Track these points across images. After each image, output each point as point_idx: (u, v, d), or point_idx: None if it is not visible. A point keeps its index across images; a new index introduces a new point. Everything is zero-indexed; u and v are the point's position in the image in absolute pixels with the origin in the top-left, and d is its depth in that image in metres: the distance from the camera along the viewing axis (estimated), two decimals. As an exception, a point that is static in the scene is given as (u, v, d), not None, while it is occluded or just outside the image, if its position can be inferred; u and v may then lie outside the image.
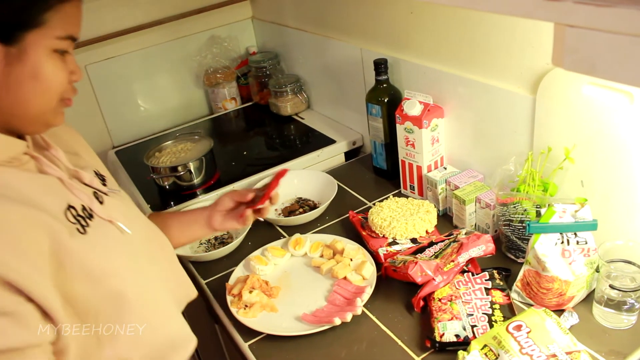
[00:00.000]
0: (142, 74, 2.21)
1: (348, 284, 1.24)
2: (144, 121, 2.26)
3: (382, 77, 1.53)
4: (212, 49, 2.26)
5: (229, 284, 1.30)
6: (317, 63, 2.01)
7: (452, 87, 1.41)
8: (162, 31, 2.18)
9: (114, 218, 0.94)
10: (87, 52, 2.05)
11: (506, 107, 1.28)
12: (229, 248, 1.43)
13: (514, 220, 1.19)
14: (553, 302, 1.08)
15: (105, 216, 0.92)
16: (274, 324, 1.18)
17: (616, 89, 1.02)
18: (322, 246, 1.37)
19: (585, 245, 1.04)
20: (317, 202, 1.61)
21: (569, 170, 1.16)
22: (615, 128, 1.05)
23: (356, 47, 1.72)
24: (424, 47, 1.47)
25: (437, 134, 1.45)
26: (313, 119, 2.10)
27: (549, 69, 1.14)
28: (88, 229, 0.87)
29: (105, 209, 0.94)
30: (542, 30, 1.13)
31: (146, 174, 1.76)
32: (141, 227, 1.04)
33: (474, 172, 1.41)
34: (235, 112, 2.33)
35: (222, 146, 2.04)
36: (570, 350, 0.92)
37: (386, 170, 1.66)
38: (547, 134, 1.19)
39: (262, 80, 2.23)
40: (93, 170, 1.02)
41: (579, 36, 0.62)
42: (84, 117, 2.13)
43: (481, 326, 1.05)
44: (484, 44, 1.29)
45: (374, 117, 1.58)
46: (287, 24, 2.13)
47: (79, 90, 0.95)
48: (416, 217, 1.35)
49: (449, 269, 1.15)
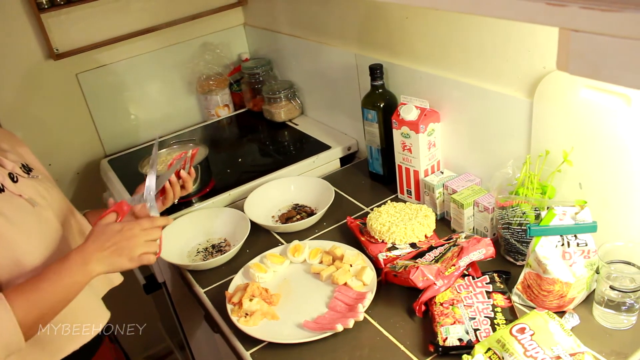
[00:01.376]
0: (134, 82, 2.20)
1: (349, 290, 1.24)
2: (137, 129, 2.25)
3: (378, 83, 1.54)
4: (205, 55, 2.25)
5: (228, 292, 1.29)
6: (311, 69, 2.01)
7: (448, 91, 1.41)
8: (154, 38, 2.17)
9: (24, 193, 1.10)
10: (78, 60, 2.03)
11: (503, 111, 1.29)
12: (226, 256, 1.42)
13: (512, 223, 1.20)
14: (554, 304, 1.08)
15: (16, 191, 1.09)
16: (276, 331, 1.18)
17: (614, 92, 1.03)
18: (322, 252, 1.37)
19: (585, 247, 1.05)
20: (314, 208, 1.60)
21: (567, 172, 1.17)
22: (613, 130, 1.06)
23: (350, 53, 1.72)
24: (419, 52, 1.48)
25: (434, 138, 1.46)
26: (307, 125, 2.09)
27: (546, 73, 1.15)
28: None
29: (17, 187, 1.10)
30: (538, 34, 1.14)
31: (140, 182, 1.74)
32: (57, 209, 1.18)
33: (471, 176, 1.42)
34: (229, 119, 2.32)
35: (216, 153, 2.03)
36: (574, 351, 0.92)
37: (382, 175, 1.66)
38: (544, 137, 1.20)
39: (255, 87, 2.22)
40: (21, 163, 1.16)
41: (583, 41, 0.62)
42: (75, 126, 2.11)
43: (484, 329, 1.06)
44: (479, 49, 1.29)
45: (369, 122, 1.58)
46: (280, 30, 2.13)
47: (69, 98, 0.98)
48: (415, 221, 1.36)
49: (450, 273, 1.15)
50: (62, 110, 2.08)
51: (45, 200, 1.15)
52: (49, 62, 1.99)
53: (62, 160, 2.12)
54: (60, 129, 2.10)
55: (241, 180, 1.76)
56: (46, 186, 1.19)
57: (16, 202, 1.09)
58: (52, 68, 2.00)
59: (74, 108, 2.09)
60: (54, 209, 1.16)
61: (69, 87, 2.06)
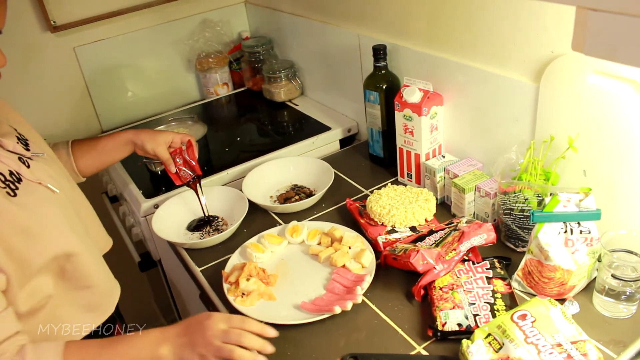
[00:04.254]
0: (132, 57, 2.17)
1: (347, 272, 1.23)
2: (134, 105, 2.22)
3: (381, 64, 1.51)
4: (205, 33, 2.21)
5: (225, 271, 1.28)
6: (312, 49, 1.98)
7: (452, 74, 1.39)
8: (154, 14, 2.13)
9: (43, 180, 1.05)
10: (75, 33, 2.00)
11: (508, 95, 1.27)
12: (224, 235, 1.41)
13: (514, 209, 1.19)
14: (554, 292, 1.08)
15: (34, 179, 1.04)
16: (272, 312, 1.16)
17: (622, 78, 1.01)
18: (320, 234, 1.36)
19: (588, 234, 1.04)
20: (313, 189, 1.59)
21: (572, 159, 1.15)
22: (620, 117, 1.04)
23: (353, 33, 1.70)
24: (423, 33, 1.46)
25: (436, 121, 1.44)
26: (307, 105, 2.07)
27: (554, 57, 1.13)
28: (18, 192, 0.99)
29: (33, 172, 1.05)
30: (547, 17, 1.12)
31: (137, 159, 1.72)
32: (67, 186, 1.16)
33: (473, 161, 1.40)
34: (227, 98, 2.29)
35: (214, 132, 2.01)
36: (575, 339, 0.91)
37: (382, 158, 1.65)
38: (549, 122, 1.18)
39: (255, 66, 2.19)
40: (15, 135, 1.10)
41: (601, 20, 0.60)
42: (72, 100, 2.09)
43: (483, 315, 1.05)
44: (486, 32, 1.27)
45: (371, 103, 1.56)
46: (282, 9, 2.09)
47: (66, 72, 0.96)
48: (415, 205, 1.34)
49: (450, 257, 1.14)
50: (59, 84, 2.05)
51: (59, 183, 1.11)
52: (46, 34, 1.95)
53: (57, 135, 2.09)
54: (57, 104, 2.07)
55: (239, 160, 1.74)
56: (55, 167, 1.17)
57: (38, 191, 1.04)
58: (49, 41, 1.97)
59: (71, 82, 2.06)
60: (66, 192, 1.14)
61: (66, 61, 2.03)
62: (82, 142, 1.41)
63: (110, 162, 1.48)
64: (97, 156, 1.42)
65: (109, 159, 1.45)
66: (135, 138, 1.42)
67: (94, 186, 1.52)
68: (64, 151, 1.37)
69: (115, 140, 1.43)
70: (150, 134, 1.43)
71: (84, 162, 1.39)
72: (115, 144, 1.43)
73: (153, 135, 1.43)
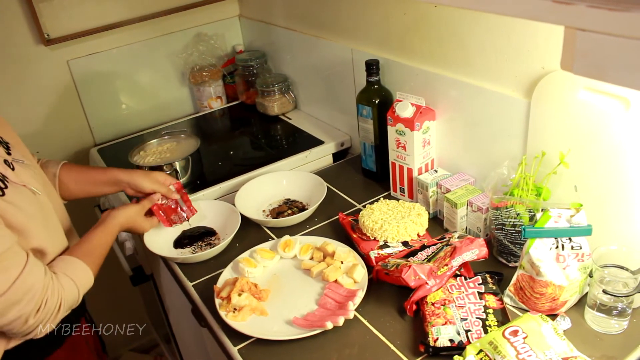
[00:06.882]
0: (125, 71, 2.17)
1: (339, 287, 1.23)
2: (127, 119, 2.22)
3: (374, 78, 1.52)
4: (198, 46, 2.22)
5: (217, 286, 1.27)
6: (306, 63, 1.99)
7: (445, 89, 1.40)
8: (147, 27, 2.14)
9: (26, 182, 1.12)
10: (69, 47, 2.00)
11: (500, 111, 1.28)
12: (216, 250, 1.40)
13: (506, 224, 1.19)
14: (546, 307, 1.08)
15: (18, 181, 1.10)
16: (264, 327, 1.16)
17: (612, 95, 1.02)
18: (312, 248, 1.35)
19: (579, 250, 1.04)
20: (306, 203, 1.59)
21: (563, 175, 1.16)
22: (611, 134, 1.05)
23: (347, 48, 1.71)
24: (416, 49, 1.47)
25: (429, 136, 1.44)
26: (300, 119, 2.08)
27: (545, 73, 1.14)
28: (6, 191, 1.05)
29: (17, 175, 1.11)
30: (538, 34, 1.13)
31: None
32: (46, 189, 1.22)
33: (465, 176, 1.41)
34: (221, 111, 2.30)
35: (208, 145, 2.01)
36: (567, 356, 0.91)
37: (375, 172, 1.65)
38: (541, 138, 1.19)
39: (249, 80, 2.20)
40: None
41: (590, 40, 0.61)
42: (65, 113, 2.08)
43: (475, 331, 1.05)
44: (478, 47, 1.28)
45: (364, 118, 1.57)
46: (276, 23, 2.10)
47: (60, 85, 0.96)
48: (407, 219, 1.34)
49: (442, 272, 1.14)
50: (52, 97, 2.04)
51: (40, 185, 1.18)
52: (39, 47, 1.95)
53: (50, 148, 2.08)
54: (50, 116, 2.06)
55: (232, 173, 1.74)
56: (34, 171, 1.21)
57: (23, 192, 1.10)
58: (43, 54, 1.97)
59: (64, 95, 2.06)
60: (46, 193, 1.20)
61: (59, 74, 2.03)
62: (72, 168, 1.42)
63: (95, 195, 1.49)
64: (83, 186, 1.43)
65: (94, 191, 1.46)
66: (128, 178, 1.42)
67: (87, 199, 1.52)
68: (52, 171, 1.38)
69: (107, 174, 1.44)
70: (146, 173, 1.45)
71: (68, 188, 1.40)
72: (106, 179, 1.43)
73: (148, 173, 1.45)
